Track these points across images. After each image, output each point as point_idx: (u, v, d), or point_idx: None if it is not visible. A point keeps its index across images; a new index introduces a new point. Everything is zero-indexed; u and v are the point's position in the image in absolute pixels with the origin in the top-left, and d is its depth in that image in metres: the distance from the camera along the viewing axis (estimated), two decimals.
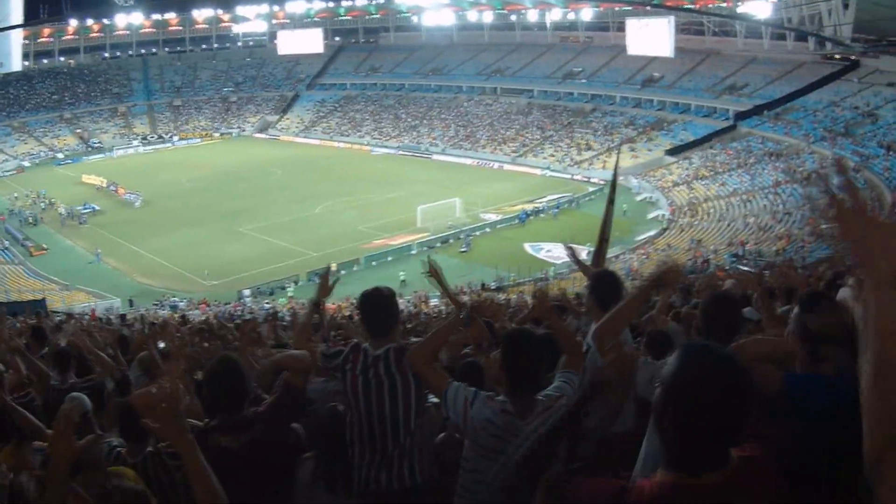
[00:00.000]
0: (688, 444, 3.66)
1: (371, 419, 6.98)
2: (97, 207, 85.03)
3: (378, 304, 7.27)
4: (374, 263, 65.11)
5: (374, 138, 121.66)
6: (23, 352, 10.66)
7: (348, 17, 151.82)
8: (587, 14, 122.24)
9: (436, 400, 7.47)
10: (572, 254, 11.29)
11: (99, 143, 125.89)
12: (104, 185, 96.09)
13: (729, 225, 69.17)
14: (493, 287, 54.82)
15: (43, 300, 50.13)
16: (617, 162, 20.05)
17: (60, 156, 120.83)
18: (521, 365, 6.18)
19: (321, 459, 6.97)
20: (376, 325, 7.25)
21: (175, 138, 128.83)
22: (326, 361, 7.27)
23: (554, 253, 64.59)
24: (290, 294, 58.85)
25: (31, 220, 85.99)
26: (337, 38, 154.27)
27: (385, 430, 6.96)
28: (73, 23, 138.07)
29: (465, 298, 8.73)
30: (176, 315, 39.35)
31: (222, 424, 6.26)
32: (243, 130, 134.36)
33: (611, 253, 53.69)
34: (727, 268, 43.98)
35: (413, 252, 66.73)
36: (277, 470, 6.39)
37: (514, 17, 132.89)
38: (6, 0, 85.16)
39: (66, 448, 4.82)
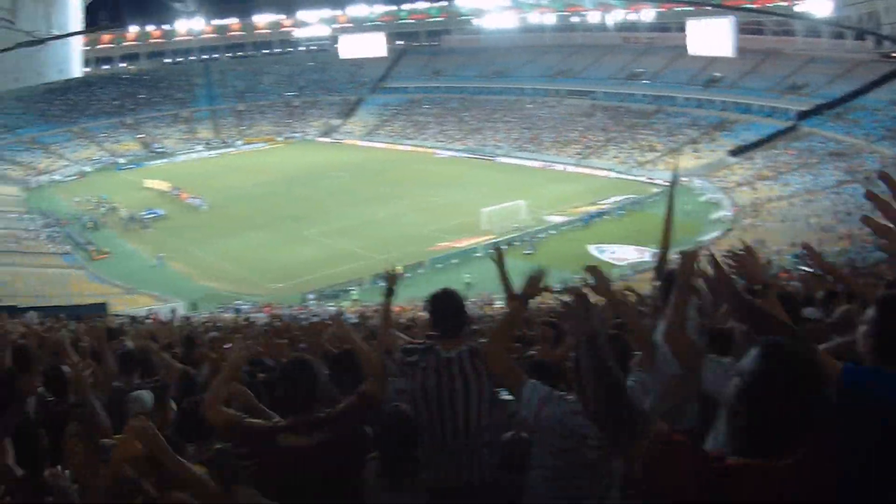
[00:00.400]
0: (761, 434, 3.87)
1: (443, 418, 7.05)
2: (161, 212, 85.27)
3: (449, 304, 7.35)
4: (438, 266, 64.61)
5: (439, 141, 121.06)
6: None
7: (410, 21, 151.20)
8: (648, 15, 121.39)
9: (507, 397, 7.41)
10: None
11: (162, 147, 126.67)
12: (167, 189, 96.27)
13: (792, 225, 68.26)
14: (556, 289, 54.20)
15: (104, 304, 50.18)
16: (676, 170, 19.63)
17: (122, 161, 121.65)
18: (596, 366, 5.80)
19: (387, 459, 6.76)
20: (447, 325, 7.31)
21: (239, 143, 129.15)
22: (404, 356, 7.60)
23: (618, 255, 63.96)
24: (354, 297, 57.92)
25: (91, 224, 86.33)
26: (399, 42, 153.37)
27: (456, 429, 7.04)
28: (134, 29, 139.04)
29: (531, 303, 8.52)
30: (240, 318, 39.26)
31: (293, 424, 6.32)
32: (307, 134, 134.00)
33: (673, 254, 53.19)
34: (790, 269, 43.55)
35: (478, 254, 65.62)
36: (346, 470, 6.48)
37: (575, 19, 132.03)
38: (66, 7, 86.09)
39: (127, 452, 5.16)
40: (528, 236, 70.87)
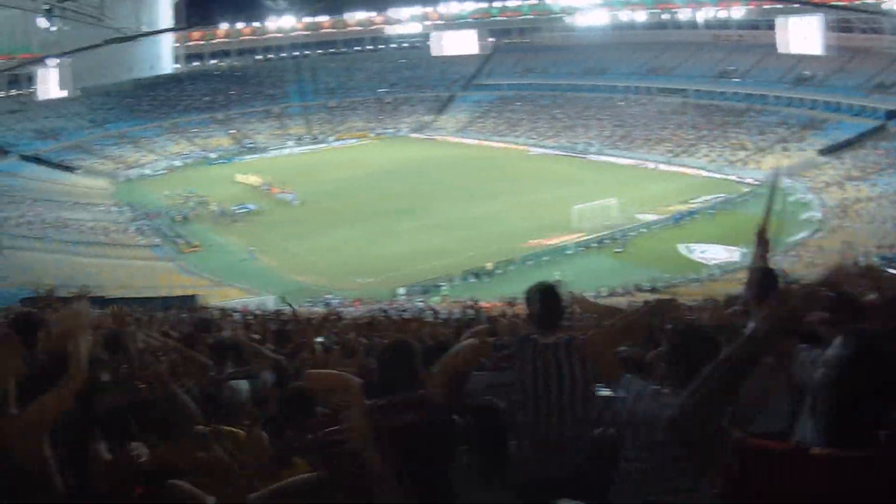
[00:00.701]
0: (846, 423, 4.21)
1: (537, 409, 7.07)
2: (254, 207, 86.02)
3: (551, 297, 7.47)
4: (529, 263, 63.48)
5: (531, 138, 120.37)
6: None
7: (502, 18, 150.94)
8: (738, 12, 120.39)
9: (602, 392, 7.09)
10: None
11: (253, 143, 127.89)
12: (258, 184, 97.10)
13: (880, 226, 67.13)
14: (647, 288, 54.26)
15: (194, 296, 50.87)
16: (778, 169, 19.53)
17: (213, 156, 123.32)
18: (688, 361, 5.97)
19: (477, 453, 6.82)
20: (547, 317, 7.42)
21: (331, 139, 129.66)
22: (497, 352, 7.67)
23: (708, 254, 63.19)
24: (444, 293, 57.85)
25: (180, 217, 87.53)
26: (491, 39, 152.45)
27: (550, 421, 7.05)
28: (224, 26, 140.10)
29: (621, 301, 8.58)
30: (330, 311, 39.36)
31: (392, 403, 6.37)
32: (399, 131, 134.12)
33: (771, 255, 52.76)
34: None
35: (568, 252, 65.38)
36: (441, 451, 6.44)
37: (665, 16, 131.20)
38: (156, 4, 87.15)
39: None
40: (618, 234, 70.06)
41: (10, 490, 5.29)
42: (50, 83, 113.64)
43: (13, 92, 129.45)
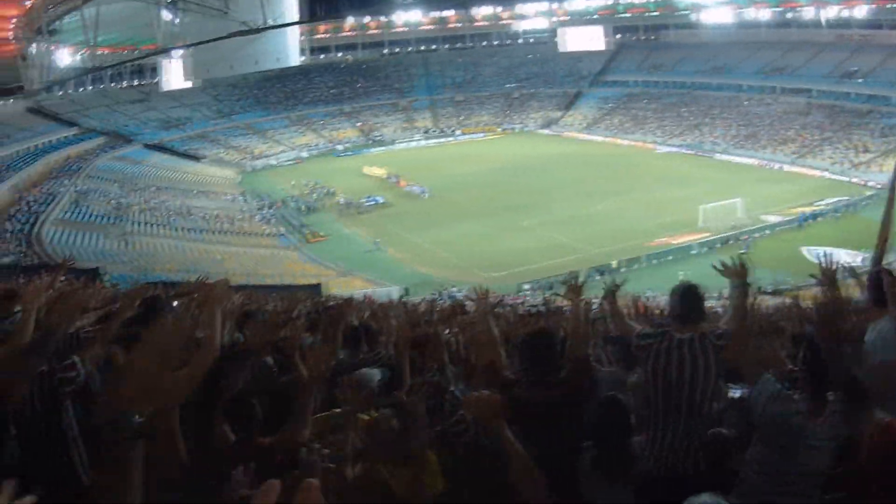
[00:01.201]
0: None
1: (667, 402, 7.20)
2: (382, 200, 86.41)
3: (693, 294, 7.67)
4: (654, 262, 63.00)
5: (657, 136, 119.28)
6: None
7: (628, 15, 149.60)
8: (861, 11, 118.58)
9: (732, 391, 7.89)
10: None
11: (380, 136, 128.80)
12: (385, 176, 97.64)
13: None
14: (769, 291, 53.85)
15: (318, 284, 51.02)
16: None
17: (340, 147, 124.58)
18: (820, 367, 6.32)
19: (601, 448, 6.92)
20: (687, 313, 7.58)
21: (458, 132, 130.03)
22: (640, 340, 7.55)
23: (832, 258, 62.62)
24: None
25: (306, 207, 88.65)
26: (618, 36, 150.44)
27: (679, 415, 7.16)
28: (351, 20, 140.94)
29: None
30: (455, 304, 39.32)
31: (531, 381, 6.95)
32: (526, 126, 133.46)
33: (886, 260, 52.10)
34: None
35: (693, 252, 64.51)
36: (571, 435, 6.85)
37: (790, 15, 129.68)
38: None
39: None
40: (743, 235, 69.05)
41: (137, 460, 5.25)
42: (174, 74, 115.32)
43: (137, 82, 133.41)
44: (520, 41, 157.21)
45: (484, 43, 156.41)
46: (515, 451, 5.22)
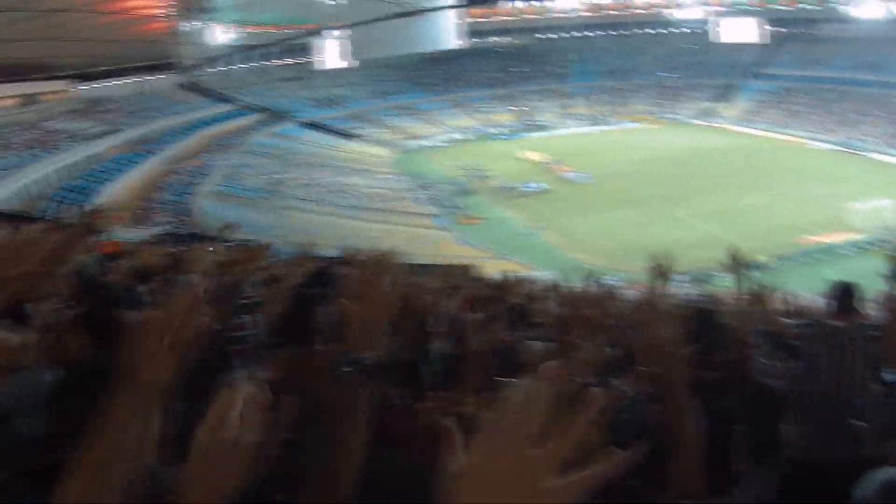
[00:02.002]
0: None
1: (819, 390, 7.37)
2: (542, 186, 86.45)
3: (850, 289, 8.09)
4: (801, 259, 61.96)
5: (810, 132, 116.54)
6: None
7: (782, 7, 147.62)
8: None
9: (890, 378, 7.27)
10: None
11: (535, 120, 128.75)
12: (541, 161, 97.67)
13: None
14: None
15: (467, 266, 51.11)
16: None
17: (495, 131, 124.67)
18: None
19: (750, 432, 6.72)
20: (843, 305, 8.00)
21: (613, 120, 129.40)
22: (795, 328, 8.03)
23: None
24: (717, 284, 56.84)
25: (462, 189, 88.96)
26: (774, 28, 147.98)
27: (829, 401, 7.30)
28: (506, 4, 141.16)
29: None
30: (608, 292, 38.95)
31: (693, 359, 6.30)
32: (679, 116, 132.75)
33: None
34: None
35: (841, 252, 63.25)
36: (724, 414, 6.29)
37: None
38: None
39: None
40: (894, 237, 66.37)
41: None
42: (331, 54, 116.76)
43: (293, 61, 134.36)
44: (675, 30, 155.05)
45: (639, 30, 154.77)
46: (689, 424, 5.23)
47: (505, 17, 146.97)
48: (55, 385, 4.16)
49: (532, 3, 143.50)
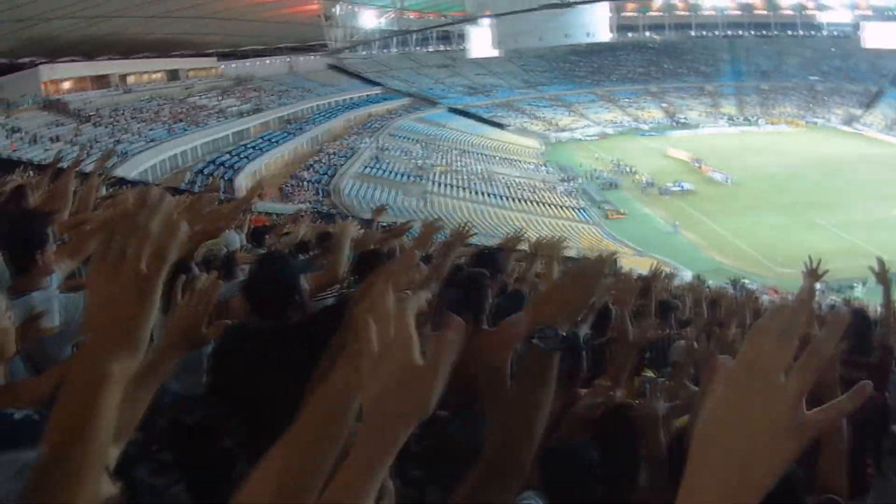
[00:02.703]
0: None
1: None
2: (689, 187, 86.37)
3: None
4: None
5: None
6: None
7: None
8: None
9: None
10: None
11: (685, 119, 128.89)
12: (688, 160, 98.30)
13: None
14: None
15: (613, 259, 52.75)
16: None
17: (645, 127, 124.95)
18: None
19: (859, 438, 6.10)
20: None
21: (761, 122, 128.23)
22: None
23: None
24: (856, 295, 53.14)
25: (608, 184, 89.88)
26: None
27: None
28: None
29: None
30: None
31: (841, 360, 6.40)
32: (828, 121, 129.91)
33: None
34: None
35: None
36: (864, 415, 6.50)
37: None
38: None
39: None
40: None
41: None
42: (481, 42, 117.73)
43: (443, 48, 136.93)
44: (823, 33, 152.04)
45: (789, 32, 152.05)
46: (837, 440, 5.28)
47: (657, 13, 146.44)
48: (216, 347, 4.75)
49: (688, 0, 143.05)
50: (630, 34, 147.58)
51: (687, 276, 55.77)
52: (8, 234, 5.90)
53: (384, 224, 15.82)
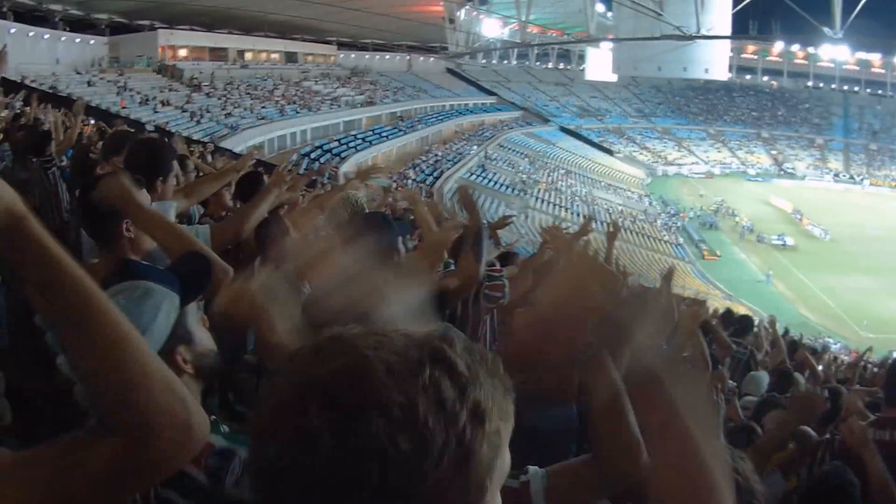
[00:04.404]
0: None
1: None
2: (790, 242, 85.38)
3: None
4: None
5: None
6: None
7: None
8: None
9: None
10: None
11: (792, 168, 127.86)
12: (790, 210, 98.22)
13: None
14: None
15: (704, 301, 53.31)
16: None
17: (752, 171, 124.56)
18: None
19: None
20: None
21: (866, 182, 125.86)
22: None
23: None
24: None
25: (710, 225, 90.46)
26: None
27: None
28: (779, 45, 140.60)
29: None
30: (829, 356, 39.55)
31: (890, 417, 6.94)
32: None
33: None
34: None
35: None
36: None
37: None
38: (718, 9, 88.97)
39: None
40: None
41: None
42: (600, 65, 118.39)
43: (561, 66, 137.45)
44: None
45: None
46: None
47: (775, 58, 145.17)
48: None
49: (805, 48, 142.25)
50: (747, 76, 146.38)
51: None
52: (140, 154, 6.60)
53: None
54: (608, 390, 2.75)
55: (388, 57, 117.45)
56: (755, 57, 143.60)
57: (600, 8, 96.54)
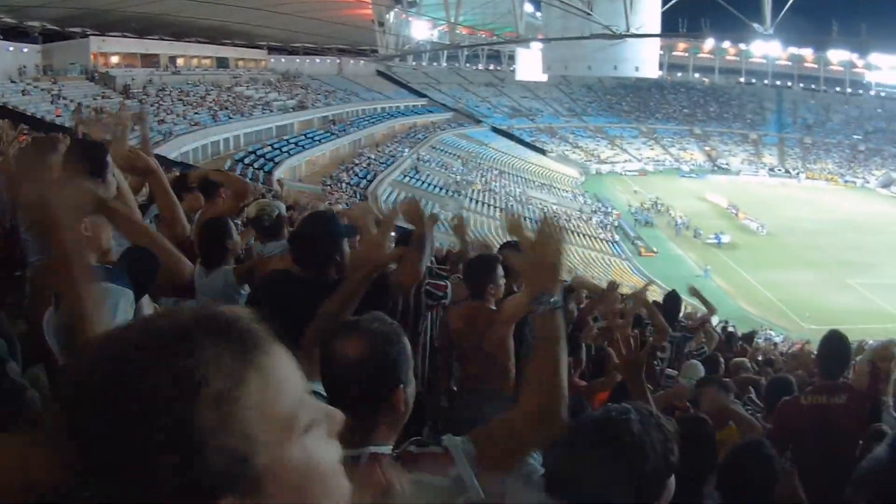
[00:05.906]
0: None
1: None
2: (727, 239, 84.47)
3: None
4: None
5: None
6: None
7: None
8: None
9: None
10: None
11: (726, 164, 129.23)
12: (724, 206, 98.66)
13: None
14: None
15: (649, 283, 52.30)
16: None
17: (685, 168, 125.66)
18: None
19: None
20: None
21: (801, 176, 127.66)
22: None
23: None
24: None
25: (645, 222, 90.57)
26: None
27: None
28: (710, 42, 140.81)
29: None
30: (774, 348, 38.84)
31: (824, 385, 7.67)
32: (867, 182, 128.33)
33: None
34: None
35: None
36: (852, 445, 7.11)
37: None
38: (646, 8, 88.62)
39: None
40: None
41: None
42: (530, 65, 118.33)
43: (492, 66, 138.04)
44: (871, 92, 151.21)
45: (836, 88, 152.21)
46: None
47: (707, 55, 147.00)
48: (260, 284, 5.45)
49: (736, 44, 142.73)
50: (679, 74, 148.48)
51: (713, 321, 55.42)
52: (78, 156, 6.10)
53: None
54: (554, 335, 3.46)
55: (318, 60, 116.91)
56: (686, 55, 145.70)
57: (529, 8, 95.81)
